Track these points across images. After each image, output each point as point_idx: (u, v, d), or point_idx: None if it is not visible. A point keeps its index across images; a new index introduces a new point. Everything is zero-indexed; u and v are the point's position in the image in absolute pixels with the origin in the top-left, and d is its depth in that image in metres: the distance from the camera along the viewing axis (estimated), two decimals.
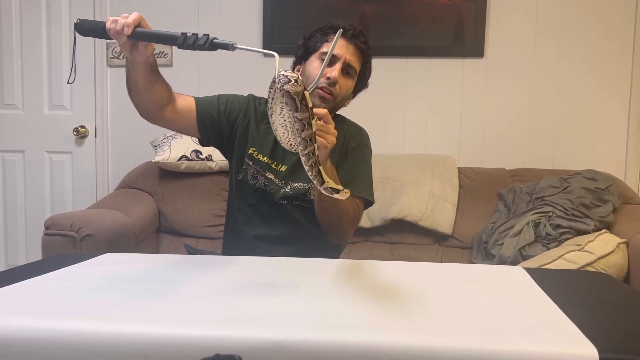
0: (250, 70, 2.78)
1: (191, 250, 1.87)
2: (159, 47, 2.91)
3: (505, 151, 2.80)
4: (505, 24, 2.77)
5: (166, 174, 2.66)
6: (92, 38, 3.09)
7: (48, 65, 3.01)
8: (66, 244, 1.97)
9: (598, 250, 2.00)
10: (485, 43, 2.78)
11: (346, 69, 1.55)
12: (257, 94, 1.67)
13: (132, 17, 1.21)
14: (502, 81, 2.81)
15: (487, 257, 2.31)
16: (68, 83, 1.41)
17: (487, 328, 0.82)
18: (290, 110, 1.01)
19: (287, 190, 1.57)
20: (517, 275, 1.19)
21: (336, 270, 1.23)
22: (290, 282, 1.11)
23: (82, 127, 2.99)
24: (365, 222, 2.48)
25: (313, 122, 1.03)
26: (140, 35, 1.24)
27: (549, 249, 2.12)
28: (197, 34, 1.17)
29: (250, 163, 1.58)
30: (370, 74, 1.65)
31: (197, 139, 1.62)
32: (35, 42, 3.01)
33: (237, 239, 1.63)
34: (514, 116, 2.81)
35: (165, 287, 1.05)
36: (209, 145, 1.63)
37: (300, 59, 1.63)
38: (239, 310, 0.90)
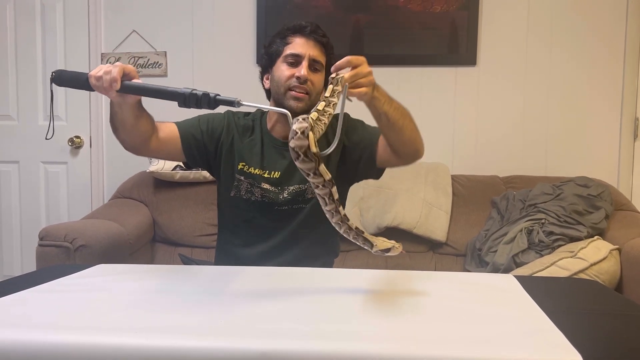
0: (244, 80, 2.79)
1: (186, 260, 1.88)
2: (153, 58, 2.92)
3: (498, 158, 2.81)
4: (497, 32, 2.79)
5: (161, 183, 2.67)
6: (87, 46, 3.09)
7: (43, 75, 3.02)
8: (60, 255, 1.97)
9: (591, 257, 2.01)
10: (478, 51, 2.80)
11: (313, 65, 1.56)
12: (249, 96, 1.68)
13: (115, 70, 1.21)
14: (495, 89, 2.82)
15: (481, 264, 2.32)
16: (46, 139, 1.40)
17: (474, 336, 0.83)
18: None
19: (285, 195, 1.58)
20: (507, 284, 1.20)
21: (329, 280, 1.24)
22: (284, 292, 1.11)
23: (77, 137, 2.99)
24: None
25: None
26: (131, 90, 1.22)
27: (542, 255, 2.13)
28: (196, 92, 1.14)
29: (242, 178, 1.59)
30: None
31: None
32: (30, 53, 3.01)
33: (234, 254, 1.64)
34: (507, 124, 2.83)
35: (158, 299, 1.05)
36: (194, 167, 1.66)
37: (267, 68, 1.63)
38: (233, 321, 0.91)
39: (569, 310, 1.01)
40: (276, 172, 1.59)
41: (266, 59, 1.63)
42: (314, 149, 0.95)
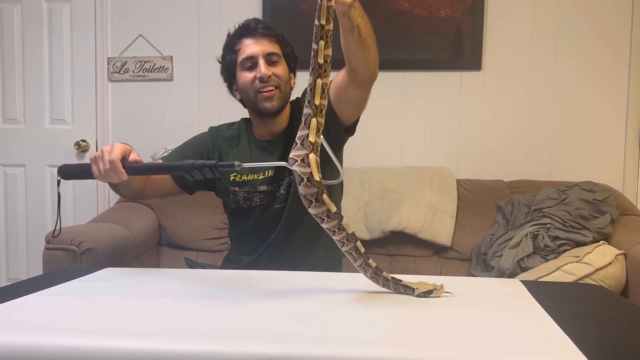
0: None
1: (191, 264, 1.88)
2: (159, 63, 2.93)
3: (504, 163, 2.81)
4: (502, 37, 2.80)
5: None
6: (94, 50, 3.11)
7: (49, 79, 3.04)
8: (67, 258, 1.97)
9: (596, 261, 2.00)
10: (483, 56, 2.80)
11: (270, 59, 1.56)
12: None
13: (116, 166, 1.22)
14: (500, 93, 2.82)
15: (486, 268, 2.32)
16: (53, 236, 1.43)
17: (481, 341, 0.83)
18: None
19: (281, 191, 1.59)
20: (513, 289, 1.20)
21: (334, 284, 1.24)
22: (289, 296, 1.12)
23: (83, 141, 3.01)
24: (364, 234, 2.49)
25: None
26: (137, 172, 1.26)
27: (547, 260, 2.13)
28: (197, 165, 1.16)
29: (237, 188, 1.60)
30: (292, 48, 1.64)
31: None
32: (37, 57, 3.03)
33: (244, 261, 1.65)
34: (512, 128, 2.83)
35: (166, 302, 1.06)
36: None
37: (230, 81, 1.63)
38: (240, 325, 0.91)
39: (576, 315, 1.01)
40: (269, 171, 1.59)
41: (226, 74, 1.63)
42: (316, 176, 0.95)
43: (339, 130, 1.56)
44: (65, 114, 3.03)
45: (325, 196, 0.97)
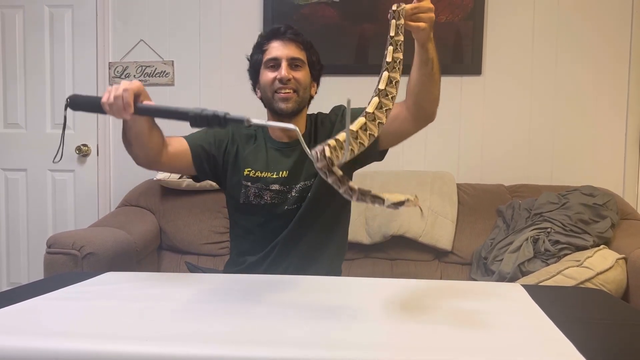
0: (250, 91, 2.81)
1: (192, 268, 1.89)
2: (160, 67, 2.94)
3: (504, 167, 2.82)
4: (502, 41, 2.81)
5: (168, 191, 2.68)
6: (95, 56, 3.12)
7: (51, 84, 3.04)
8: (68, 262, 1.98)
9: (597, 266, 2.01)
10: (483, 61, 2.81)
11: (293, 63, 1.60)
12: (257, 113, 1.70)
13: (127, 95, 1.22)
14: (500, 98, 2.83)
15: (487, 273, 2.32)
16: (53, 162, 1.42)
17: (484, 345, 0.83)
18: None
19: (293, 193, 1.60)
20: (514, 293, 1.20)
21: (336, 288, 1.24)
22: (291, 300, 1.12)
23: (85, 145, 3.01)
24: (365, 238, 2.50)
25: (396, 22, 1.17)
26: (144, 112, 1.25)
27: (548, 264, 2.13)
28: (206, 112, 1.12)
29: (249, 184, 1.61)
30: (318, 57, 1.69)
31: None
32: (38, 62, 3.04)
33: (248, 262, 1.65)
34: (512, 133, 2.83)
35: (167, 307, 1.06)
36: (203, 180, 1.68)
37: (255, 79, 1.68)
38: (242, 329, 0.91)
39: (578, 319, 1.01)
40: (284, 172, 1.61)
41: (252, 72, 1.68)
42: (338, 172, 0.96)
43: (374, 154, 1.61)
44: (67, 119, 3.03)
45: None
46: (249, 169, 1.62)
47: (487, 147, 2.84)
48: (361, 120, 1.09)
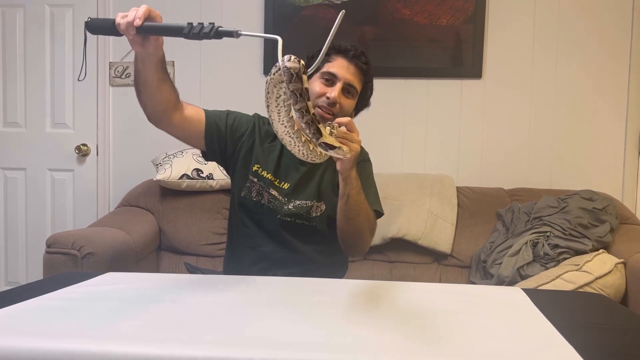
0: (250, 91, 2.81)
1: (191, 269, 1.89)
2: None
3: (504, 171, 2.82)
4: (503, 45, 2.81)
5: (167, 192, 2.68)
6: (95, 55, 3.12)
7: (51, 83, 3.04)
8: (67, 262, 1.97)
9: (596, 270, 2.01)
10: (484, 64, 2.81)
11: (347, 89, 1.57)
12: (257, 107, 1.68)
13: (141, 10, 1.22)
14: (500, 101, 2.84)
15: (486, 276, 2.32)
16: (79, 80, 1.42)
17: (485, 350, 0.83)
18: (285, 86, 0.99)
19: (290, 207, 1.59)
20: (515, 297, 1.20)
21: (337, 291, 1.24)
22: (292, 303, 1.12)
23: (84, 145, 3.01)
24: None
25: (325, 125, 1.06)
26: (148, 29, 1.26)
27: (547, 268, 2.13)
28: (202, 24, 1.18)
29: (255, 180, 1.60)
30: (371, 93, 1.68)
31: (199, 155, 1.63)
32: (39, 61, 3.04)
33: (242, 257, 1.65)
34: (512, 136, 2.84)
35: (167, 308, 1.06)
36: (212, 160, 1.64)
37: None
38: (242, 331, 0.91)
39: (579, 324, 1.01)
40: (286, 184, 1.60)
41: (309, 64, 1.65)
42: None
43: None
44: (67, 118, 3.04)
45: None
46: (258, 166, 1.61)
47: (487, 150, 2.85)
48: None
